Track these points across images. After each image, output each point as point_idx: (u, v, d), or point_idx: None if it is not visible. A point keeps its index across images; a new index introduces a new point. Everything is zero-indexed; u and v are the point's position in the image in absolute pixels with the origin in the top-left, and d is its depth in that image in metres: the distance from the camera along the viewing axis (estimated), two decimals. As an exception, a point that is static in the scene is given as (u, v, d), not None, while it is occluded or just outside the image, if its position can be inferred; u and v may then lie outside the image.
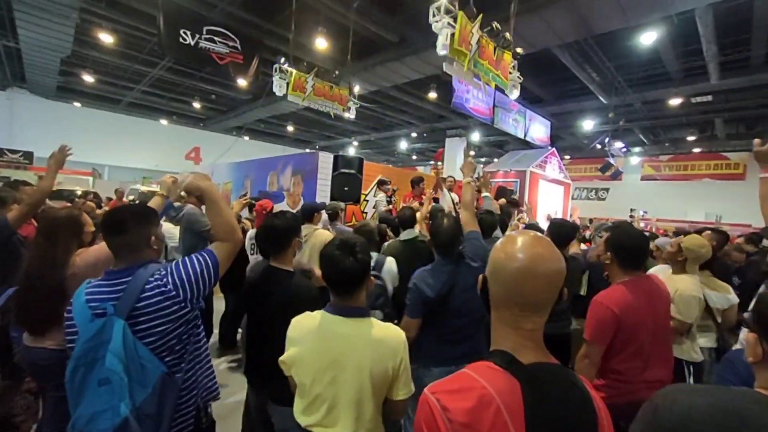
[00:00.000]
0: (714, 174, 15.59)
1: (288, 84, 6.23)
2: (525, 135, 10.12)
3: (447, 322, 1.90)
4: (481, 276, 0.82)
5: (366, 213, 4.47)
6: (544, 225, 3.94)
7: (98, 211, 4.29)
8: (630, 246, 1.69)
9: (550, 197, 9.76)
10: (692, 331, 2.18)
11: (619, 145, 11.62)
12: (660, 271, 2.44)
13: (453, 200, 3.95)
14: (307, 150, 20.98)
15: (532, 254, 0.73)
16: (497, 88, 4.68)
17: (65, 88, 13.36)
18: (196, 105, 14.27)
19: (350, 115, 7.07)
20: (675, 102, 9.82)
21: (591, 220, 12.31)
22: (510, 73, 4.33)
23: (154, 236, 1.29)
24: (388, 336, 1.26)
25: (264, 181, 5.68)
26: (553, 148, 10.22)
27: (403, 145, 18.21)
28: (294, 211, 4.09)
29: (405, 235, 2.89)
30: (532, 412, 0.65)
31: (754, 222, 14.17)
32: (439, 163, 14.42)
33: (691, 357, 2.15)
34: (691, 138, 13.74)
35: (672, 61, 8.10)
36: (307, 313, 1.34)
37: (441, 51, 3.51)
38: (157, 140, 17.32)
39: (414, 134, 16.09)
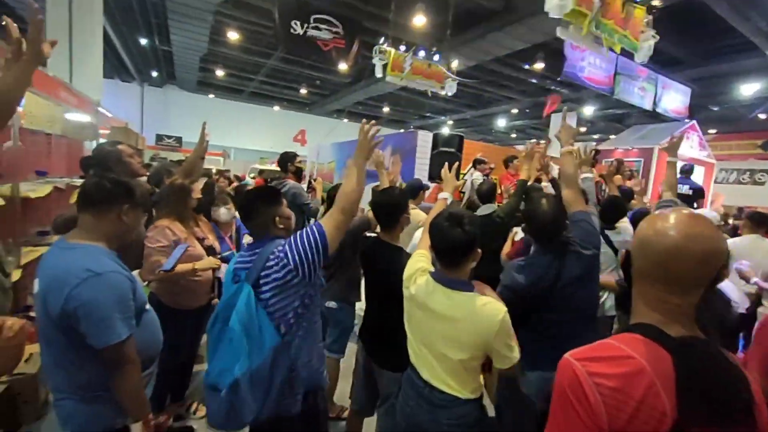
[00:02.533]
0: None
1: (386, 65, 6.33)
2: (655, 106, 8.57)
3: (547, 319, 1.64)
4: (624, 250, 0.79)
5: (464, 192, 4.37)
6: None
7: (228, 188, 5.07)
8: None
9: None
10: None
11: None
12: None
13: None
14: (402, 130, 21.25)
15: (686, 233, 0.67)
16: (623, 51, 4.04)
17: (203, 82, 15.82)
18: (303, 91, 15.53)
19: (449, 91, 6.88)
20: None
21: (741, 210, 9.95)
22: (642, 32, 3.68)
23: (278, 216, 1.44)
24: (486, 312, 1.26)
25: None
26: (693, 121, 8.48)
27: (501, 122, 17.10)
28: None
29: (483, 210, 2.80)
30: (684, 384, 0.63)
31: None
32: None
33: None
34: None
35: None
36: (421, 265, 1.45)
37: (555, 13, 3.14)
38: (271, 124, 19.48)
39: (515, 110, 14.95)
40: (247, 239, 2.45)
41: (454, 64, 7.95)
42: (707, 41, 8.16)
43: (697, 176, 8.32)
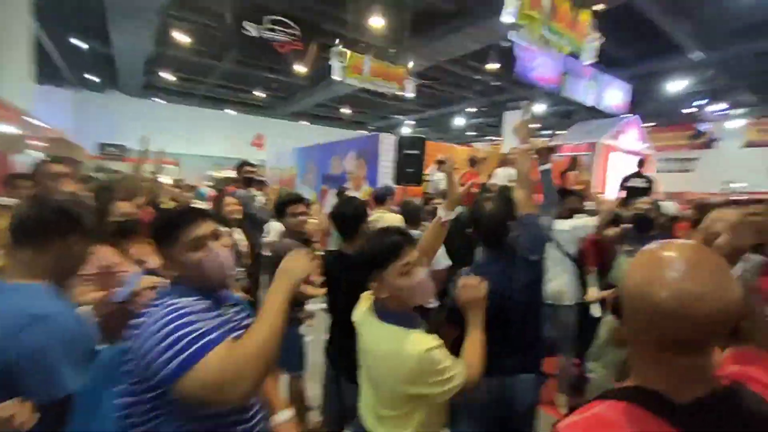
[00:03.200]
0: (844, 136, 12.91)
1: (345, 66, 6.28)
2: (598, 103, 9.16)
3: (497, 330, 1.59)
4: (611, 293, 0.66)
5: (427, 193, 4.43)
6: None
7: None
8: None
9: (627, 171, 8.83)
10: None
11: (716, 107, 10.08)
12: None
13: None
14: (363, 131, 21.22)
15: (680, 288, 0.53)
16: (571, 53, 4.26)
17: (149, 86, 14.86)
18: (259, 94, 15.05)
19: (408, 93, 6.94)
20: (795, 51, 8.17)
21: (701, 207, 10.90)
22: (587, 34, 3.91)
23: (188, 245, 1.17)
24: (404, 350, 1.12)
25: (327, 165, 5.88)
26: (633, 116, 9.17)
27: (459, 121, 17.58)
28: (357, 194, 4.18)
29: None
30: None
31: None
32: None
33: None
34: (814, 93, 11.44)
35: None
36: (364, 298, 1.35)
37: (508, 18, 3.26)
38: (225, 129, 18.67)
39: (472, 109, 15.43)
40: None
41: (411, 65, 8.04)
42: (643, 42, 8.84)
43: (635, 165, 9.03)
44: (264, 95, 15.37)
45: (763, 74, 10.07)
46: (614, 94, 9.74)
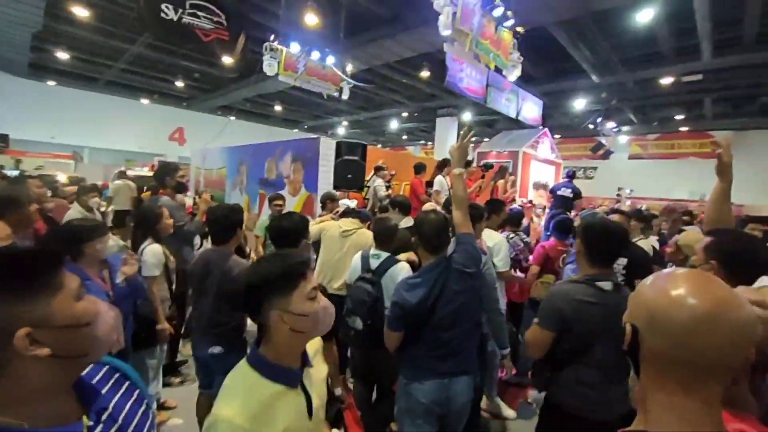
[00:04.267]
0: (699, 153, 15.86)
1: (279, 63, 6.01)
2: (517, 115, 10.06)
3: (434, 334, 1.70)
4: (628, 326, 0.62)
5: (368, 200, 4.42)
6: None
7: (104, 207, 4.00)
8: (744, 253, 1.26)
9: (543, 178, 9.83)
10: None
11: (610, 124, 11.67)
12: None
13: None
14: (296, 131, 20.58)
15: (713, 297, 0.55)
16: (495, 68, 4.60)
17: (38, 66, 12.64)
18: (179, 84, 13.73)
19: (344, 95, 6.88)
20: (666, 81, 9.84)
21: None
22: (510, 53, 4.25)
23: None
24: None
25: (261, 167, 5.48)
26: (546, 128, 10.22)
27: (393, 124, 17.98)
28: (295, 200, 4.04)
29: (406, 221, 2.92)
30: None
31: (737, 199, 14.57)
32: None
33: None
34: (678, 117, 13.91)
35: (666, 40, 8.06)
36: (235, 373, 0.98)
37: (444, 31, 3.40)
38: (139, 121, 16.67)
39: (404, 114, 15.87)
40: (120, 276, 1.99)
41: (349, 67, 8.00)
42: (553, 63, 9.93)
43: (549, 174, 10.11)
44: (185, 85, 14.06)
45: (640, 99, 11.98)
46: (530, 108, 10.77)
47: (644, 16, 6.75)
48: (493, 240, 2.85)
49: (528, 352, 1.75)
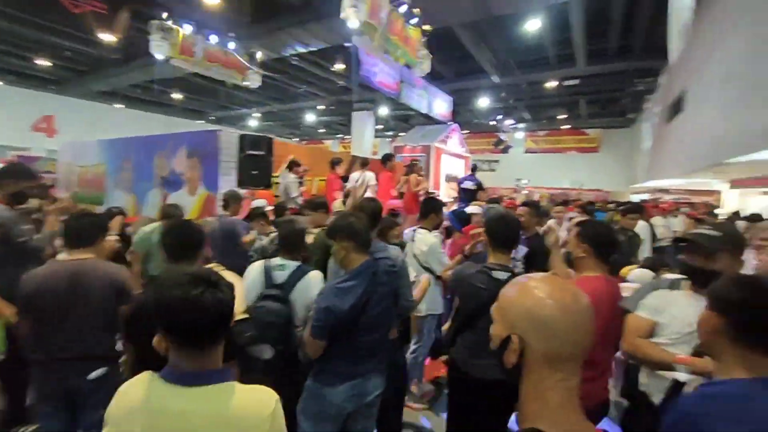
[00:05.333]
0: (577, 147, 18.55)
1: (173, 45, 5.32)
2: (429, 110, 10.54)
3: (355, 338, 1.66)
4: (515, 338, 0.66)
5: (278, 197, 4.16)
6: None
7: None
8: (606, 237, 1.68)
9: (453, 171, 10.49)
10: None
11: (509, 121, 12.88)
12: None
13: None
14: (201, 121, 18.74)
15: (582, 300, 0.65)
16: (405, 64, 4.70)
17: None
18: (44, 63, 11.42)
19: (252, 84, 6.41)
20: (551, 84, 11.22)
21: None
22: (418, 50, 4.37)
23: None
24: (246, 412, 0.86)
25: (149, 163, 4.67)
26: (455, 124, 10.89)
27: (309, 117, 17.47)
28: (193, 200, 3.62)
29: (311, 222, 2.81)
30: None
31: (605, 187, 17.47)
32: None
33: None
34: (561, 116, 16.04)
35: (551, 47, 9.15)
36: (133, 381, 0.90)
37: (351, 23, 3.34)
38: (-9, 106, 13.47)
39: (320, 107, 15.53)
40: None
41: (258, 55, 7.49)
42: (460, 62, 10.59)
43: (459, 168, 10.84)
44: (53, 65, 11.74)
45: (532, 99, 13.53)
46: (440, 104, 11.37)
47: (533, 25, 7.56)
48: (427, 243, 2.79)
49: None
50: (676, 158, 8.47)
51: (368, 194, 4.12)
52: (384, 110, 14.04)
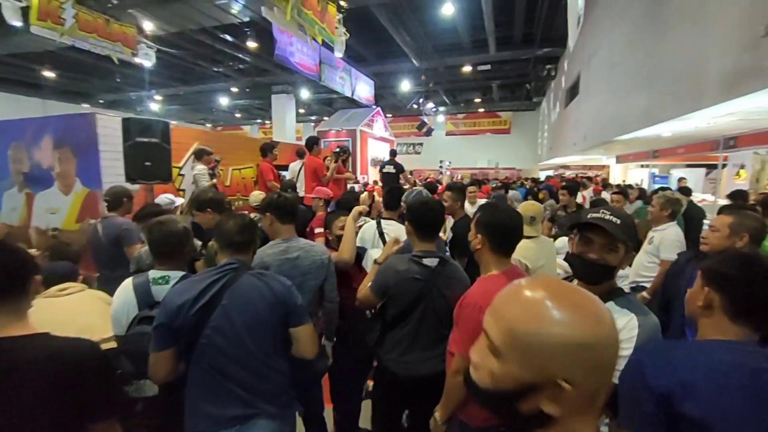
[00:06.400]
0: (491, 129, 19.90)
1: (30, 8, 4.29)
2: (352, 93, 10.31)
3: (225, 367, 1.29)
4: (546, 384, 0.47)
5: (183, 191, 3.64)
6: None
7: None
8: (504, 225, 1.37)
9: (379, 155, 10.48)
10: None
11: (430, 105, 13.20)
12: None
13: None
14: (86, 105, 16.02)
15: (597, 301, 0.50)
16: (324, 43, 4.43)
17: None
18: None
19: (145, 61, 5.53)
20: (467, 69, 11.70)
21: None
22: (336, 27, 4.13)
23: None
24: None
25: (2, 156, 3.62)
26: (379, 107, 10.83)
27: (223, 101, 15.98)
28: (69, 200, 2.98)
29: None
30: None
31: (517, 165, 19.09)
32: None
33: None
34: (477, 100, 16.96)
35: (465, 33, 9.46)
36: None
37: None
38: None
39: (234, 89, 14.24)
40: None
41: (149, 26, 6.48)
42: (381, 45, 10.44)
43: (385, 151, 10.88)
44: None
45: (451, 83, 14.03)
46: (363, 88, 11.19)
47: (447, 10, 7.69)
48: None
49: (357, 304, 1.78)
50: (573, 137, 9.52)
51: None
52: (305, 93, 13.39)
